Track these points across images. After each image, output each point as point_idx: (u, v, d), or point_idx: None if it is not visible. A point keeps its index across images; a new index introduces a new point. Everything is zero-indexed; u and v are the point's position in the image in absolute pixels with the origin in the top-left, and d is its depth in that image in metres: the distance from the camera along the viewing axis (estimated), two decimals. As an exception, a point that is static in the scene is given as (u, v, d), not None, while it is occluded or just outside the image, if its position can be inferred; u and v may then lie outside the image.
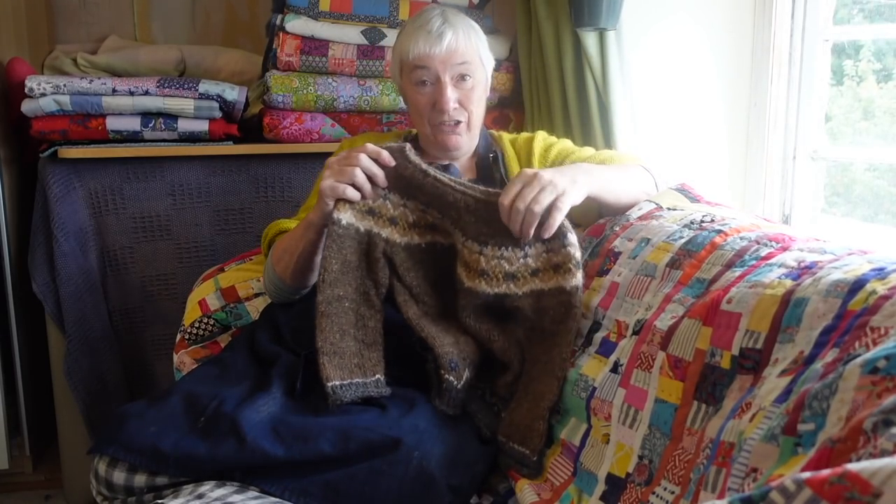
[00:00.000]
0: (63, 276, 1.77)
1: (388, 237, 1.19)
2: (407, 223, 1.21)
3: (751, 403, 0.79)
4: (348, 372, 1.14)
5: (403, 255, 1.21)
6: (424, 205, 1.21)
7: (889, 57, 1.70)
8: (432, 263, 1.23)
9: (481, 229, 1.17)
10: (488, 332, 1.20)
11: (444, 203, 1.19)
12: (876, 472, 0.44)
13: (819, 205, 1.71)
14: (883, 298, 0.74)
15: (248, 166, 1.91)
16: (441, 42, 1.32)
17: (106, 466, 1.06)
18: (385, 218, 1.20)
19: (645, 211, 1.29)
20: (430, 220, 1.21)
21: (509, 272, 1.17)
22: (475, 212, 1.17)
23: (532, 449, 1.10)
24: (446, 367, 1.14)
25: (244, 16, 2.43)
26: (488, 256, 1.16)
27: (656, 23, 1.74)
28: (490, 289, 1.17)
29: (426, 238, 1.22)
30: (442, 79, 1.33)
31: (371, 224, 1.19)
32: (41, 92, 1.73)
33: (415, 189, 1.19)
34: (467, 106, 1.36)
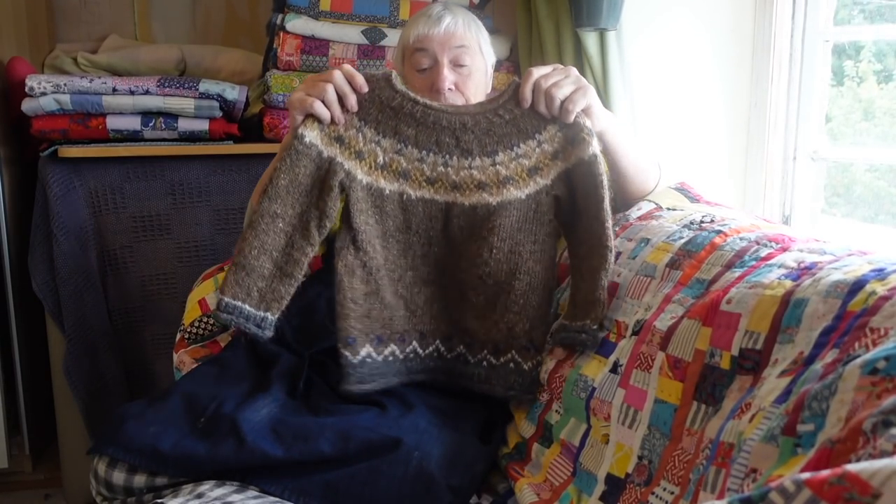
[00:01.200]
0: (63, 275, 1.77)
1: (349, 169, 1.12)
2: (375, 162, 1.13)
3: (750, 404, 0.79)
4: (244, 292, 1.09)
5: (361, 193, 1.13)
6: (404, 142, 1.14)
7: (889, 58, 1.70)
8: (390, 213, 1.15)
9: (485, 141, 1.14)
10: (480, 251, 1.14)
11: (439, 129, 1.14)
12: (875, 472, 0.44)
13: (819, 205, 1.71)
14: (883, 299, 0.74)
15: (248, 166, 1.91)
16: (440, 24, 1.33)
17: (105, 466, 1.06)
18: (353, 150, 1.12)
19: (645, 211, 1.29)
20: (403, 164, 1.14)
21: (531, 166, 1.14)
22: (474, 127, 1.14)
23: (594, 318, 1.10)
24: (343, 341, 1.12)
25: (245, 15, 2.43)
26: (505, 162, 1.14)
27: (657, 23, 1.74)
28: (520, 191, 1.14)
29: (393, 184, 1.14)
30: (439, 59, 1.32)
31: (336, 151, 1.12)
32: (41, 91, 1.73)
33: (401, 121, 1.13)
34: (464, 91, 1.35)
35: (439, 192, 1.15)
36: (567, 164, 1.14)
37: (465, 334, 1.19)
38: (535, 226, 1.15)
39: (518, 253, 1.15)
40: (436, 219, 1.16)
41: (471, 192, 1.15)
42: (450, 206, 1.16)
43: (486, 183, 1.14)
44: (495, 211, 1.14)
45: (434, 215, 1.16)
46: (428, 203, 1.15)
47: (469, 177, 1.14)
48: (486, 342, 1.17)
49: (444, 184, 1.15)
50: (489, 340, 1.17)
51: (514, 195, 1.14)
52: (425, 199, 1.15)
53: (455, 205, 1.16)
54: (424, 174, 1.14)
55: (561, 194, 1.15)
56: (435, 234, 1.17)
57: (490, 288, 1.16)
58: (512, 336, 1.16)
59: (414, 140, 1.14)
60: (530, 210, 1.14)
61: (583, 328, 1.11)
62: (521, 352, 1.16)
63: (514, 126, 1.14)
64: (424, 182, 1.15)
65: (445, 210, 1.16)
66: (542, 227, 1.16)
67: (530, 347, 1.16)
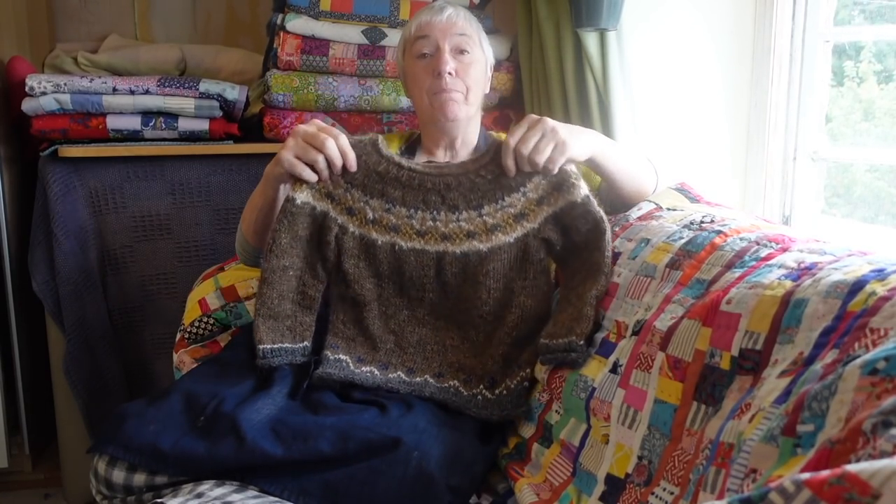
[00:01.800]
0: (63, 275, 1.77)
1: (342, 223, 1.20)
2: (365, 217, 1.20)
3: (750, 404, 0.79)
4: (279, 335, 1.20)
5: (352, 242, 1.20)
6: (392, 202, 1.20)
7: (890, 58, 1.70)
8: (383, 260, 1.21)
9: (470, 197, 1.20)
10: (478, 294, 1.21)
11: (425, 190, 1.20)
12: (875, 473, 0.44)
13: (819, 206, 1.71)
14: (883, 299, 0.74)
15: (248, 165, 1.91)
16: (442, 13, 1.36)
17: (105, 465, 1.06)
18: (343, 206, 1.20)
19: (645, 211, 1.29)
20: (393, 220, 1.20)
21: (517, 213, 1.20)
22: (458, 187, 1.20)
23: (579, 333, 1.12)
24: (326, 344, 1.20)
25: (245, 15, 2.43)
26: (492, 213, 1.20)
27: (657, 23, 1.73)
28: (508, 237, 1.20)
29: (384, 237, 1.20)
30: (441, 45, 1.34)
31: (328, 206, 1.20)
32: (42, 91, 1.73)
33: (387, 184, 1.20)
34: (464, 79, 1.35)
35: (430, 244, 1.21)
36: (554, 209, 1.20)
37: (461, 372, 1.22)
38: (526, 265, 1.21)
39: (510, 290, 1.21)
40: (428, 267, 1.21)
41: (461, 240, 1.20)
42: (441, 255, 1.21)
43: (475, 232, 1.20)
44: (486, 256, 1.20)
45: (426, 264, 1.21)
46: (419, 253, 1.20)
47: (458, 228, 1.20)
48: (482, 377, 1.20)
49: (434, 235, 1.21)
50: (485, 375, 1.20)
51: (503, 240, 1.20)
52: (416, 249, 1.20)
53: (447, 253, 1.20)
54: (414, 228, 1.20)
55: (551, 237, 1.20)
56: (429, 280, 1.22)
57: (490, 324, 1.22)
58: (506, 366, 1.20)
59: (401, 200, 1.20)
60: (519, 252, 1.20)
61: (569, 346, 1.12)
62: (512, 377, 1.19)
63: (496, 184, 1.20)
64: (415, 235, 1.20)
65: (437, 259, 1.21)
66: (533, 265, 1.21)
67: (517, 368, 1.20)
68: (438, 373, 1.22)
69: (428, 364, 1.22)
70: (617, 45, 1.63)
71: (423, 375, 1.21)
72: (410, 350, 1.23)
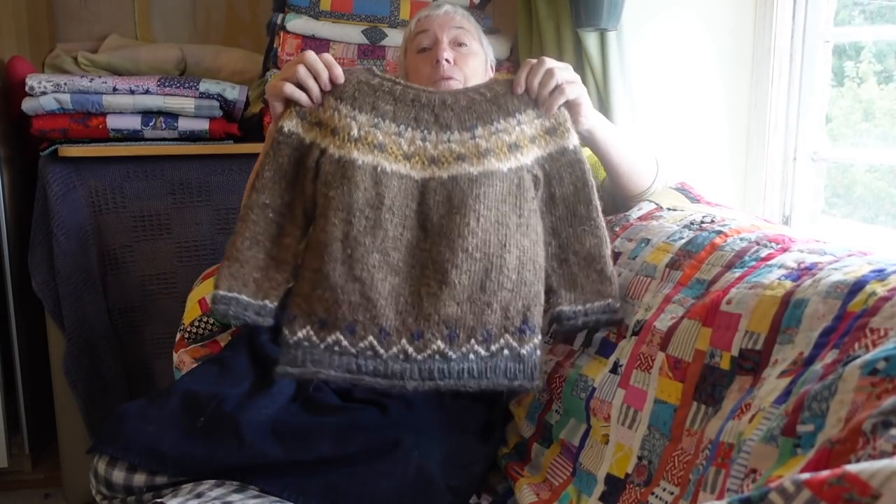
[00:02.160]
0: (63, 275, 1.77)
1: (324, 147, 1.10)
2: (348, 135, 1.09)
3: (750, 404, 0.79)
4: (240, 283, 1.06)
5: (330, 167, 1.09)
6: (381, 116, 1.11)
7: (890, 58, 1.70)
8: (360, 184, 1.08)
9: (464, 117, 1.12)
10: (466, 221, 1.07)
11: (418, 105, 1.12)
12: (875, 473, 0.44)
13: (819, 206, 1.71)
14: (883, 300, 0.74)
15: (248, 165, 1.89)
16: (440, 8, 1.39)
17: (105, 465, 1.06)
18: (329, 128, 1.10)
19: (645, 211, 1.29)
20: (379, 137, 1.10)
21: (511, 142, 1.12)
22: (454, 104, 1.13)
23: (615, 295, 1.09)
24: (285, 317, 1.05)
25: (245, 15, 2.43)
26: (485, 136, 1.12)
27: (657, 23, 1.74)
28: (501, 164, 1.10)
29: (366, 156, 1.09)
30: (439, 37, 1.35)
31: (316, 135, 1.11)
32: (42, 90, 1.73)
33: (379, 98, 1.11)
34: (463, 67, 1.34)
35: (415, 168, 1.10)
36: (544, 152, 1.13)
37: (444, 325, 1.04)
38: (520, 200, 1.10)
39: (505, 224, 1.08)
40: (411, 196, 1.09)
41: (449, 164, 1.10)
42: (426, 183, 1.10)
43: (465, 155, 1.10)
44: (477, 179, 1.09)
45: (409, 192, 1.09)
46: (403, 179, 1.09)
47: (448, 150, 1.11)
48: (473, 329, 1.05)
49: (422, 158, 1.11)
50: (478, 326, 1.05)
51: (496, 166, 1.10)
52: (401, 174, 1.09)
53: (432, 180, 1.10)
54: (401, 148, 1.10)
55: (540, 177, 1.13)
56: (409, 214, 1.09)
57: (478, 263, 1.06)
58: (506, 318, 1.06)
59: (392, 115, 1.11)
60: (513, 184, 1.10)
61: (608, 308, 1.09)
62: (516, 335, 1.06)
63: (493, 104, 1.13)
64: (401, 156, 1.10)
65: (421, 187, 1.10)
66: (527, 202, 1.11)
67: (525, 329, 1.06)
68: (417, 331, 1.04)
69: (402, 320, 1.04)
70: (617, 45, 1.63)
71: (400, 340, 1.03)
72: (380, 304, 1.04)
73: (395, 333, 1.04)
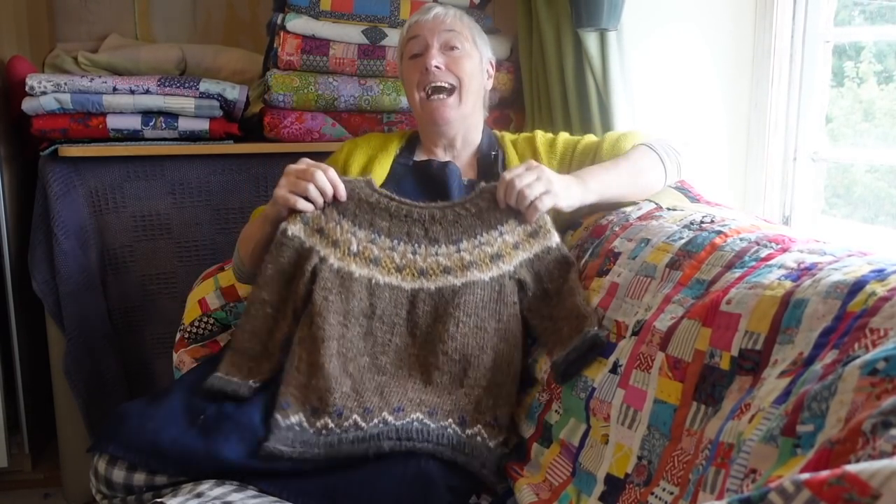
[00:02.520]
0: (63, 275, 1.77)
1: (324, 256, 1.22)
2: (348, 249, 1.22)
3: (750, 404, 0.79)
4: (235, 369, 1.18)
5: (329, 274, 1.21)
6: (378, 233, 1.24)
7: (890, 58, 1.70)
8: (356, 294, 1.20)
9: (451, 231, 1.24)
10: (446, 327, 1.17)
11: (410, 221, 1.24)
12: (875, 473, 0.44)
13: (819, 206, 1.71)
14: (882, 300, 0.74)
15: (248, 165, 1.91)
16: (430, 12, 1.39)
17: (105, 465, 1.06)
18: (330, 239, 1.23)
19: (645, 211, 1.29)
20: (375, 252, 1.23)
21: (493, 253, 1.23)
22: (442, 220, 1.25)
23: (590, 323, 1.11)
24: (277, 405, 1.11)
25: (245, 15, 2.43)
26: (469, 249, 1.23)
27: (657, 24, 1.74)
28: (483, 274, 1.21)
29: (363, 270, 1.22)
30: (429, 42, 1.36)
31: (316, 241, 1.23)
32: (42, 90, 1.73)
33: (377, 215, 1.24)
34: (456, 71, 1.36)
35: (406, 280, 1.22)
36: (529, 254, 1.24)
37: (424, 405, 1.13)
38: (500, 306, 1.21)
39: (484, 329, 1.18)
40: (401, 305, 1.21)
41: (436, 276, 1.22)
42: (415, 293, 1.21)
43: (450, 267, 1.22)
44: (459, 290, 1.20)
45: (400, 302, 1.21)
46: (395, 290, 1.21)
47: (435, 263, 1.23)
48: (451, 412, 1.12)
49: (412, 270, 1.22)
50: (455, 410, 1.12)
51: (478, 276, 1.21)
52: (392, 285, 1.21)
53: (421, 290, 1.21)
54: (394, 262, 1.23)
55: (525, 279, 1.23)
56: (399, 321, 1.20)
57: (456, 364, 1.16)
58: (478, 410, 1.13)
59: (387, 231, 1.24)
60: (494, 291, 1.21)
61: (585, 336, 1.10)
62: (487, 428, 1.12)
63: (478, 218, 1.25)
64: (393, 269, 1.22)
65: (411, 297, 1.21)
66: (507, 307, 1.21)
67: (494, 425, 1.13)
68: (398, 407, 1.12)
69: (385, 402, 1.13)
70: (617, 45, 1.63)
71: (381, 414, 1.10)
72: (367, 394, 1.13)
73: (378, 410, 1.12)
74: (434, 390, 1.15)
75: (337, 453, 1.06)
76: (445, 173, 1.37)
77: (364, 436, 1.07)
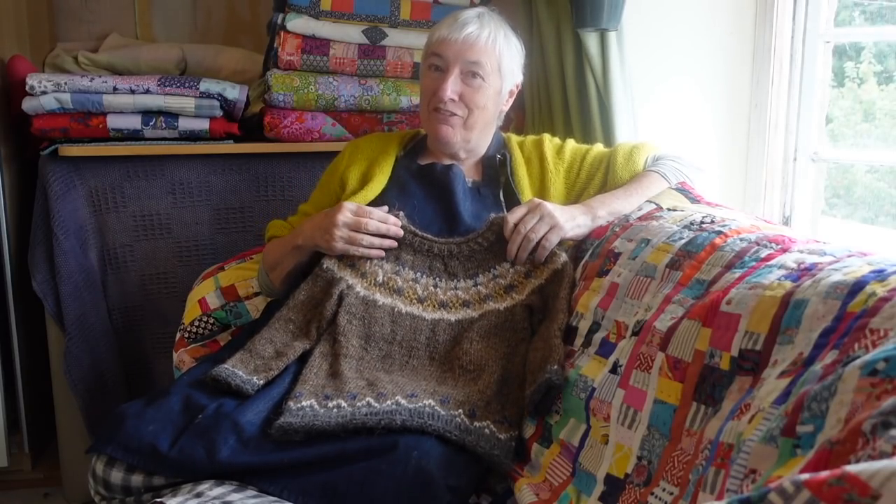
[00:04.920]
0: (63, 274, 1.77)
1: (352, 284, 1.30)
2: (374, 280, 1.31)
3: (750, 405, 0.79)
4: (242, 364, 1.20)
5: (355, 300, 1.28)
6: (402, 265, 1.32)
7: (890, 59, 1.70)
8: (378, 320, 1.27)
9: (468, 266, 1.32)
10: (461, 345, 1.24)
11: (432, 256, 1.32)
12: (874, 473, 0.44)
13: (819, 206, 1.71)
14: (882, 300, 0.74)
15: (248, 165, 1.91)
16: (462, 30, 1.33)
17: (104, 466, 1.06)
18: (359, 271, 1.31)
19: (645, 211, 1.30)
20: (399, 283, 1.31)
21: (506, 285, 1.30)
22: (458, 255, 1.33)
23: (552, 360, 1.14)
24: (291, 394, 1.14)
25: (245, 14, 2.43)
26: (485, 283, 1.31)
27: (657, 23, 1.74)
28: (498, 304, 1.28)
29: (387, 299, 1.30)
30: (450, 68, 1.34)
31: (347, 273, 1.31)
32: (42, 90, 1.73)
33: (402, 250, 1.32)
34: (469, 103, 1.35)
35: (427, 311, 1.29)
36: (541, 281, 1.30)
37: (437, 394, 1.15)
38: (510, 333, 1.26)
39: (494, 348, 1.24)
40: (420, 332, 1.27)
41: (456, 309, 1.30)
42: (436, 323, 1.28)
43: (469, 301, 1.30)
44: (475, 319, 1.28)
45: (419, 329, 1.27)
46: (416, 319, 1.28)
47: (455, 296, 1.31)
48: (462, 403, 1.14)
49: (433, 302, 1.30)
50: (467, 402, 1.14)
51: (493, 307, 1.28)
52: (414, 314, 1.28)
53: (441, 321, 1.28)
54: (416, 293, 1.30)
55: (534, 303, 1.28)
56: (417, 346, 1.26)
57: (470, 373, 1.21)
58: (488, 409, 1.14)
59: (411, 264, 1.32)
60: (507, 320, 1.27)
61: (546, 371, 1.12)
62: (496, 423, 1.12)
63: (490, 252, 1.33)
64: (416, 300, 1.30)
65: (432, 326, 1.27)
66: (516, 333, 1.26)
67: (503, 422, 1.13)
68: (412, 393, 1.14)
69: (400, 389, 1.15)
70: (617, 45, 1.63)
71: (394, 397, 1.13)
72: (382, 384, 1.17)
73: (391, 395, 1.15)
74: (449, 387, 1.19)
75: (348, 424, 1.07)
76: (449, 177, 1.37)
77: (377, 410, 1.09)
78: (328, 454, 1.03)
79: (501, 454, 1.08)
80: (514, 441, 1.12)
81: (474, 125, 1.38)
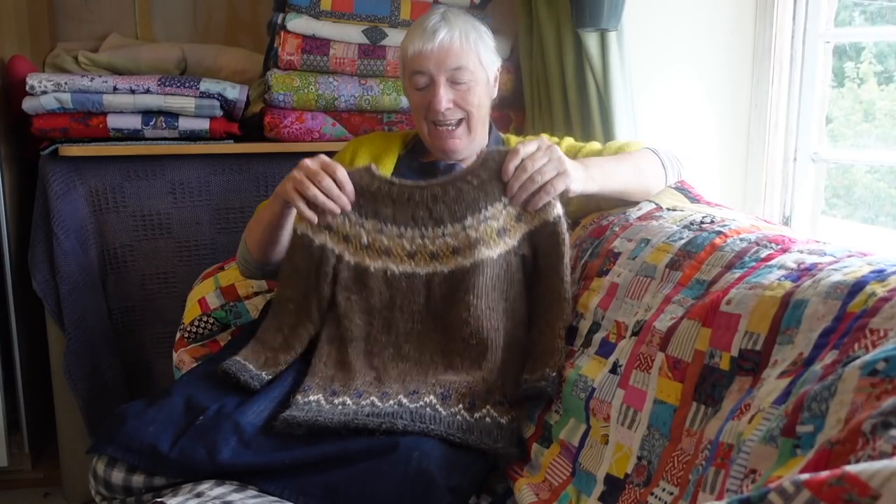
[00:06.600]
0: (63, 274, 1.77)
1: (339, 253, 1.23)
2: (360, 243, 1.24)
3: (750, 405, 0.79)
4: (254, 357, 1.21)
5: (347, 273, 1.23)
6: (384, 221, 1.23)
7: (890, 59, 1.70)
8: (375, 289, 1.23)
9: (454, 208, 1.22)
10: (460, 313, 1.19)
11: (413, 204, 1.23)
12: (874, 473, 0.44)
13: (819, 206, 1.71)
14: (882, 300, 0.74)
15: (248, 165, 1.91)
16: (434, 38, 1.32)
17: (104, 466, 1.06)
18: (340, 235, 1.24)
19: (645, 211, 1.30)
20: (385, 242, 1.23)
21: (498, 228, 1.21)
22: (444, 197, 1.22)
23: (552, 366, 1.13)
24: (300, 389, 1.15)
25: (245, 14, 2.43)
26: (474, 225, 1.21)
27: (658, 23, 1.74)
28: (491, 251, 1.20)
29: (377, 262, 1.23)
30: (436, 80, 1.33)
31: (325, 239, 1.23)
32: (42, 90, 1.73)
33: (379, 202, 1.23)
34: (464, 106, 1.35)
35: (420, 265, 1.23)
36: (530, 227, 1.22)
37: (439, 385, 1.16)
38: (507, 284, 1.21)
39: (494, 309, 1.20)
40: (418, 292, 1.23)
41: (447, 258, 1.22)
42: (430, 277, 1.23)
43: (459, 247, 1.22)
44: (469, 270, 1.20)
45: (417, 289, 1.23)
46: (410, 277, 1.23)
47: (444, 244, 1.22)
48: (464, 396, 1.14)
49: (423, 255, 1.23)
50: (468, 394, 1.14)
51: (486, 255, 1.20)
52: (407, 273, 1.23)
53: (435, 274, 1.23)
54: (405, 249, 1.23)
55: (526, 254, 1.23)
56: (418, 307, 1.23)
57: (475, 348, 1.19)
58: (488, 392, 1.14)
59: (392, 218, 1.23)
60: (501, 269, 1.21)
61: (543, 377, 1.12)
62: (496, 407, 1.13)
63: (480, 190, 1.22)
64: (406, 256, 1.23)
65: (427, 281, 1.23)
66: (513, 285, 1.22)
67: (503, 402, 1.13)
68: (413, 390, 1.15)
69: (404, 388, 1.16)
70: (617, 45, 1.63)
71: (397, 397, 1.13)
72: (388, 381, 1.18)
73: (395, 394, 1.15)
74: (453, 372, 1.18)
75: (350, 423, 1.07)
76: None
77: (379, 412, 1.10)
78: (329, 454, 1.03)
79: (504, 444, 1.09)
80: (515, 423, 1.13)
81: (476, 125, 1.39)
